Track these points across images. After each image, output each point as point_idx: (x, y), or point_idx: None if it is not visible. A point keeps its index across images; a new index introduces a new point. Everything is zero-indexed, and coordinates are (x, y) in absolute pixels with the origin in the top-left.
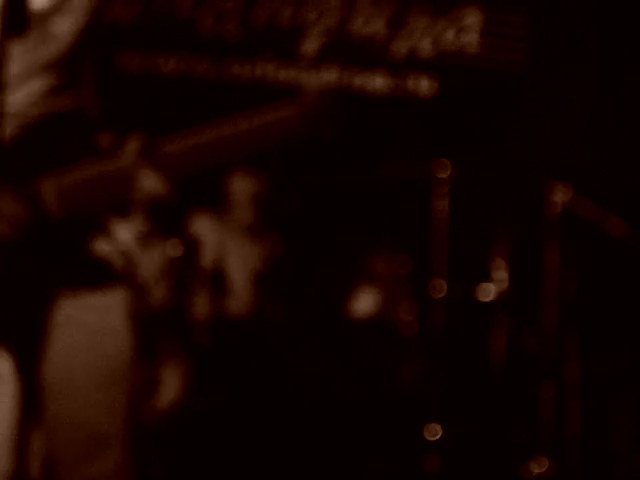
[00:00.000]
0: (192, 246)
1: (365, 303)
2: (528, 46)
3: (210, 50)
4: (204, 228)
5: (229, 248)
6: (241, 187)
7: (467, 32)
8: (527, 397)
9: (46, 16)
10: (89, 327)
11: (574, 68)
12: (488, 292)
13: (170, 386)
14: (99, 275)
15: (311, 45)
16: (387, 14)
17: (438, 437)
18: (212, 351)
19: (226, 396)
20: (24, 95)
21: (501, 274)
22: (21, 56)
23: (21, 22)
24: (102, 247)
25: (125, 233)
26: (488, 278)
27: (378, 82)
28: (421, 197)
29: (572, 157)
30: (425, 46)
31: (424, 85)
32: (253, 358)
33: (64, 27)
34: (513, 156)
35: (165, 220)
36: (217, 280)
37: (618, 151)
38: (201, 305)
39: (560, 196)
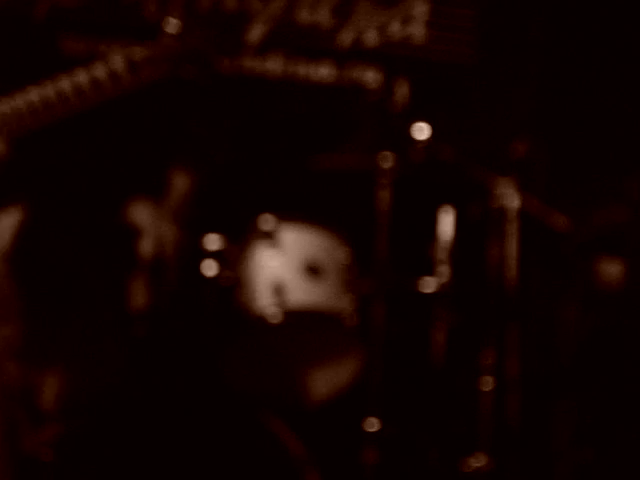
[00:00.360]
0: (131, 234)
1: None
2: (475, 38)
3: (154, 35)
4: (143, 217)
5: (167, 239)
6: (182, 181)
7: (413, 23)
8: (467, 391)
9: None
10: None
11: (521, 61)
12: (430, 285)
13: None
14: None
15: (256, 33)
16: (333, 3)
17: (377, 430)
18: (149, 341)
19: (164, 387)
20: None
21: (443, 267)
22: None
23: None
24: None
25: None
26: (430, 271)
27: (323, 72)
28: (364, 189)
29: (516, 151)
30: (371, 36)
31: (369, 76)
32: (191, 348)
33: None
34: (457, 149)
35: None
36: (155, 269)
37: (563, 145)
38: (139, 295)
39: (503, 190)
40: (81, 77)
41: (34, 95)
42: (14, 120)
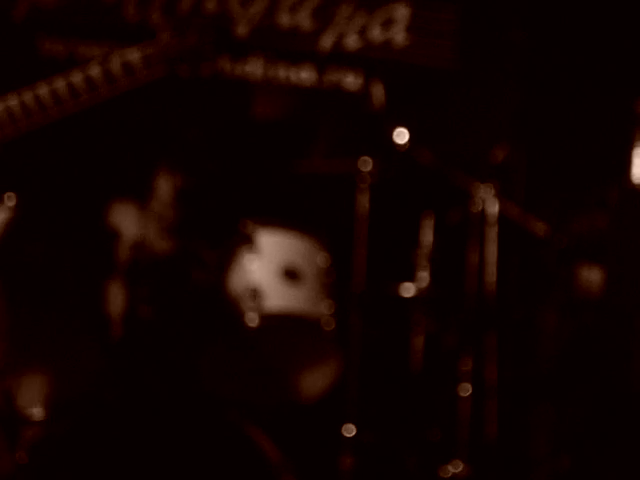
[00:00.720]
0: (111, 237)
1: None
2: (456, 43)
3: (134, 37)
4: (125, 220)
5: (149, 242)
6: (166, 185)
7: (394, 27)
8: (445, 397)
9: None
10: None
11: (502, 67)
12: (409, 290)
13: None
14: None
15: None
16: (313, 6)
17: (354, 435)
18: (127, 344)
19: (141, 389)
20: None
21: (422, 272)
22: None
23: None
24: None
25: None
26: (409, 276)
27: (303, 75)
28: (343, 192)
29: (496, 156)
30: (352, 40)
31: (350, 79)
32: (168, 350)
33: None
34: (438, 153)
35: None
36: (133, 272)
37: (543, 151)
38: (117, 298)
39: (483, 195)
40: (71, 79)
41: (14, 101)
42: None
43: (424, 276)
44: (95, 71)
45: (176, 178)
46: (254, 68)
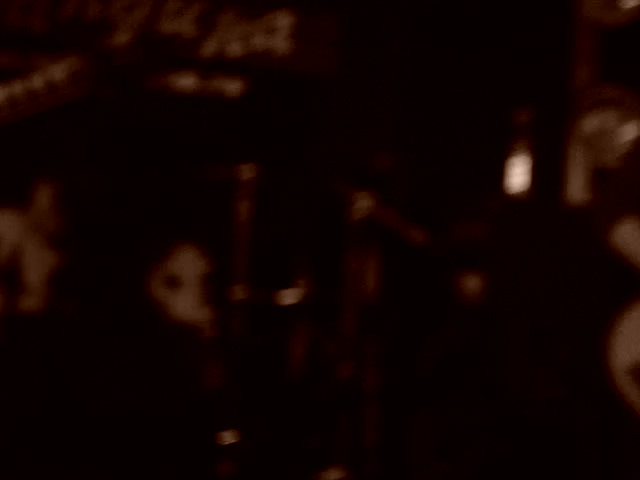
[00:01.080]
0: None
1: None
2: (338, 51)
3: (15, 43)
4: (3, 225)
5: (27, 248)
6: (46, 192)
7: (277, 35)
8: (326, 404)
9: None
10: None
11: (384, 76)
12: (290, 297)
13: None
14: None
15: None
16: (196, 13)
17: (233, 442)
18: (4, 349)
19: (20, 395)
20: None
21: (303, 279)
22: None
23: None
24: None
25: None
26: (290, 283)
27: (186, 81)
28: (224, 199)
29: (377, 165)
30: (234, 47)
31: (232, 86)
32: (47, 356)
33: None
34: (319, 161)
35: None
36: (11, 277)
37: (424, 160)
38: None
39: (363, 202)
40: None
41: None
42: None
43: (305, 283)
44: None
45: (56, 186)
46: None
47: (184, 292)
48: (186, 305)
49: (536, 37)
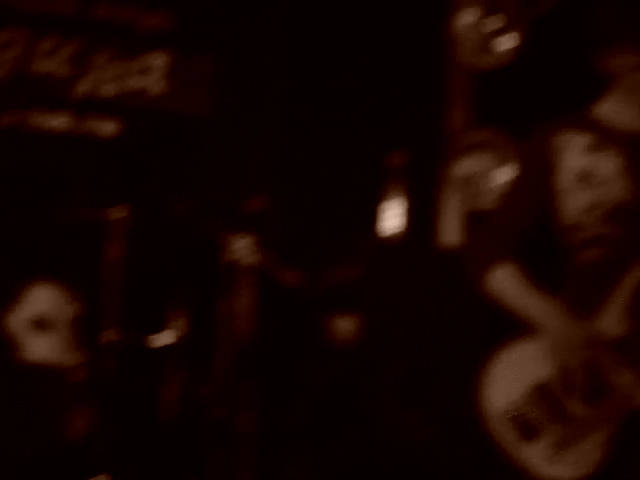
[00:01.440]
0: None
1: (39, 348)
2: (214, 92)
3: None
4: None
5: None
6: None
7: (152, 75)
8: (199, 447)
9: None
10: None
11: (261, 117)
12: (162, 339)
13: None
14: None
15: None
16: (69, 53)
17: None
18: None
19: None
20: None
21: (176, 322)
22: None
23: None
24: None
25: None
26: (163, 325)
27: (57, 121)
28: (94, 240)
29: (253, 206)
30: (108, 87)
31: (106, 126)
32: None
33: None
34: (194, 202)
35: None
36: None
37: (300, 202)
38: None
39: (238, 244)
40: None
41: None
42: None
43: (179, 326)
44: None
45: None
46: (5, 114)
47: (49, 334)
48: (51, 348)
49: (410, 81)
